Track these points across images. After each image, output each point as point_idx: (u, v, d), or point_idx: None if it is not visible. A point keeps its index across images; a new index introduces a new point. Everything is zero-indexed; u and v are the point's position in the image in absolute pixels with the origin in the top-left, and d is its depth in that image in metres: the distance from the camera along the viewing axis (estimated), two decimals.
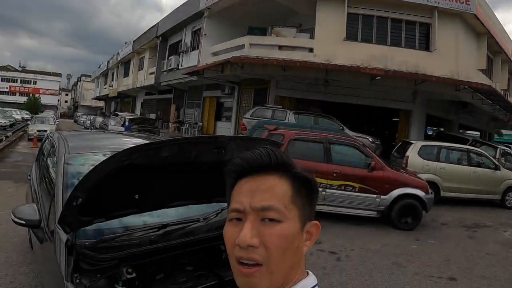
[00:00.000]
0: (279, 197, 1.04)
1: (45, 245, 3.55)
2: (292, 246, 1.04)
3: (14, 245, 6.94)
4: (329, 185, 9.41)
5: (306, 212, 1.09)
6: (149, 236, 3.09)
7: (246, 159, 1.09)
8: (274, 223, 1.02)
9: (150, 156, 2.56)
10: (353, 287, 5.97)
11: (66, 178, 3.67)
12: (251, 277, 1.02)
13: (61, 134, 5.24)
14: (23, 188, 11.19)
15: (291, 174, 1.08)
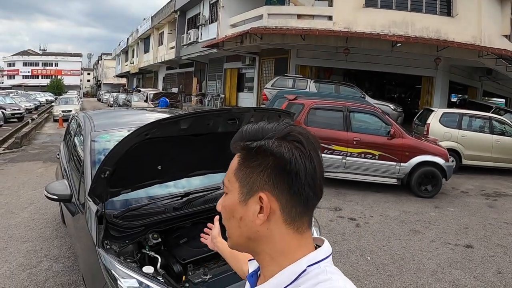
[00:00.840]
0: (230, 171, 1.09)
1: (76, 217, 3.79)
2: (233, 216, 1.07)
3: (46, 221, 7.26)
4: (349, 153, 9.50)
5: (252, 183, 1.04)
6: (172, 204, 3.31)
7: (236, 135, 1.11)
8: (225, 195, 1.11)
9: (169, 129, 2.74)
10: (370, 252, 6.13)
11: (93, 154, 3.91)
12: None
13: (86, 113, 5.49)
14: (51, 168, 11.60)
15: (242, 146, 1.06)
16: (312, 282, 0.99)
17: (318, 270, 1.02)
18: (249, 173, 1.04)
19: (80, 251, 3.71)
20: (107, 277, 2.84)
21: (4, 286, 4.87)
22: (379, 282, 5.17)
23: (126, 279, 2.76)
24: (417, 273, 5.45)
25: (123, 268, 2.84)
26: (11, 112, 25.89)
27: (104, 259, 2.89)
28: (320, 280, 0.99)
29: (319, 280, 0.99)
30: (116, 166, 2.73)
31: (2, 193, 9.13)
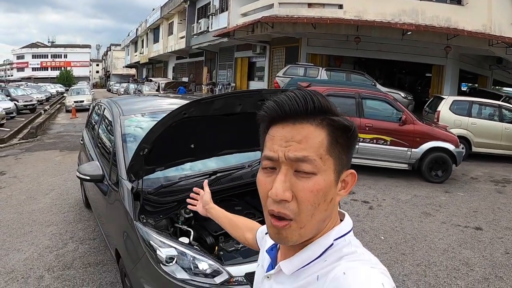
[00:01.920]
0: (314, 147, 0.97)
1: (109, 196, 4.02)
2: (325, 200, 0.99)
3: (69, 206, 7.51)
4: (362, 139, 9.66)
5: (343, 162, 1.03)
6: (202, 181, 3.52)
7: (280, 103, 1.01)
8: (309, 176, 0.97)
9: (204, 109, 2.94)
10: (384, 232, 6.36)
11: (124, 137, 4.14)
12: (281, 230, 1.00)
13: (111, 100, 5.72)
14: (69, 156, 11.96)
15: (328, 121, 1.00)
16: (337, 255, 1.01)
17: (343, 243, 1.04)
18: (340, 150, 1.01)
19: (114, 228, 3.92)
20: (146, 248, 3.05)
21: (33, 267, 5.10)
22: (393, 259, 5.40)
23: (164, 248, 2.97)
24: (429, 252, 5.66)
25: (161, 238, 3.06)
26: (23, 103, 26.32)
27: (142, 231, 3.11)
28: (345, 253, 1.00)
29: (344, 253, 1.00)
30: (153, 144, 2.94)
31: (22, 181, 9.39)
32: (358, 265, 0.94)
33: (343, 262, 0.97)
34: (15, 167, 11.05)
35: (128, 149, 4.00)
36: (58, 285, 4.68)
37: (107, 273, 4.92)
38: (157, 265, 2.98)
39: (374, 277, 0.90)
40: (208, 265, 2.94)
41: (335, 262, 0.98)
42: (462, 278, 4.96)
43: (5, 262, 5.26)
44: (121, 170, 3.76)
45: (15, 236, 6.14)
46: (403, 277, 4.92)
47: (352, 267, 0.94)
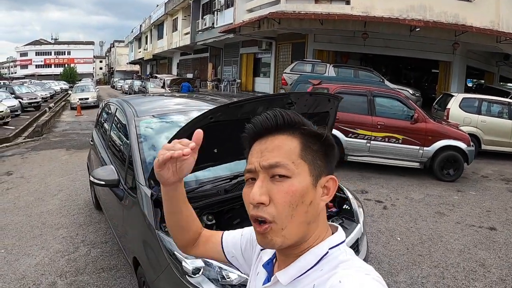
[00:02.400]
0: (286, 153, 1.04)
1: (126, 202, 3.94)
2: (303, 201, 1.03)
3: (78, 208, 7.43)
4: (374, 137, 9.64)
5: (319, 167, 1.08)
6: (223, 186, 3.45)
7: (254, 123, 1.11)
8: (283, 179, 1.03)
9: (231, 113, 2.86)
10: (400, 233, 6.29)
11: (139, 139, 4.05)
12: (265, 234, 1.04)
13: (123, 100, 5.62)
14: (76, 155, 11.93)
15: (300, 131, 1.07)
16: (334, 263, 1.04)
17: (338, 252, 1.07)
18: (314, 155, 1.06)
19: (131, 235, 3.84)
20: (169, 259, 2.97)
21: (44, 272, 5.02)
22: (411, 261, 5.33)
23: (190, 259, 2.88)
24: (445, 253, 5.60)
25: None
26: (28, 101, 26.39)
27: (165, 241, 3.02)
28: (341, 260, 1.04)
29: (340, 260, 1.04)
30: None
31: (30, 181, 9.33)
32: (353, 273, 0.97)
33: (340, 270, 1.00)
34: (22, 166, 11.01)
35: (145, 153, 3.93)
36: None
37: (122, 279, 4.84)
38: (182, 277, 2.89)
39: (370, 284, 0.93)
40: (235, 276, 2.87)
41: (332, 270, 1.01)
42: (479, 279, 4.91)
43: (16, 268, 5.18)
44: (138, 174, 3.68)
45: (24, 240, 6.06)
46: (422, 279, 4.86)
47: (348, 274, 0.97)
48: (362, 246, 3.66)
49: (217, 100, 6.12)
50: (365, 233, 3.90)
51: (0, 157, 12.43)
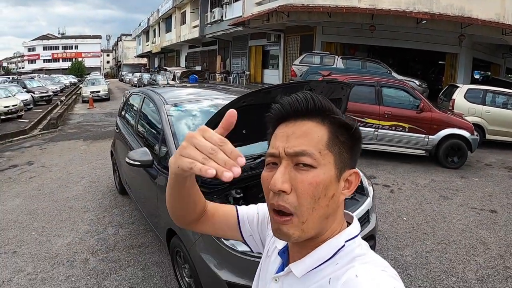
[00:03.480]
0: (313, 142, 0.99)
1: (159, 179, 4.35)
2: (326, 194, 0.99)
3: (102, 193, 7.81)
4: (381, 126, 9.97)
5: (344, 160, 1.03)
6: (249, 164, 3.87)
7: (283, 104, 1.06)
8: (308, 168, 0.98)
9: (261, 98, 3.25)
10: (406, 214, 6.69)
11: (171, 124, 4.48)
12: (283, 226, 1.00)
13: (147, 89, 6.10)
14: (93, 145, 12.39)
15: (329, 119, 1.02)
16: (350, 257, 1.02)
17: (354, 245, 1.05)
18: (341, 147, 1.03)
19: (166, 209, 4.21)
20: None
21: (76, 251, 5.37)
22: (416, 238, 5.73)
23: None
24: (448, 232, 5.98)
25: None
26: (39, 95, 26.78)
27: None
28: (357, 254, 1.02)
29: (356, 254, 1.02)
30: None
31: (52, 170, 9.68)
32: (370, 268, 0.95)
33: (356, 264, 0.98)
34: (42, 157, 11.36)
35: (177, 135, 4.34)
36: (104, 266, 4.93)
37: (151, 254, 5.19)
38: (218, 240, 3.27)
39: (386, 281, 0.90)
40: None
41: (348, 265, 0.99)
42: (479, 255, 5.26)
43: (48, 248, 5.51)
44: (172, 154, 4.05)
45: (53, 223, 6.39)
46: (426, 254, 5.25)
47: (365, 269, 0.95)
48: (372, 217, 4.06)
49: (229, 89, 6.57)
50: (374, 206, 4.29)
51: (19, 148, 12.83)
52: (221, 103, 4.84)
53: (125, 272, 4.80)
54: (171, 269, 4.73)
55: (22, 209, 7.10)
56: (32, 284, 4.59)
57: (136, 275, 4.72)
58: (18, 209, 7.08)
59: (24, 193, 7.99)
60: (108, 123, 18.14)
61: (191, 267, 3.69)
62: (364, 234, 3.84)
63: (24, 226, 6.34)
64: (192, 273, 3.73)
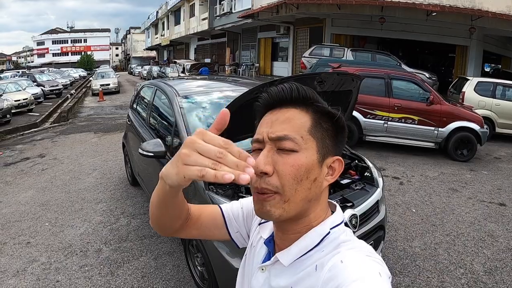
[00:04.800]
0: (296, 127, 1.02)
1: None
2: (308, 177, 1.01)
3: (114, 184, 7.91)
4: (391, 118, 10.00)
5: (327, 146, 1.05)
6: None
7: (270, 93, 1.09)
8: (290, 153, 1.00)
9: None
10: (415, 205, 6.74)
11: (183, 115, 4.57)
12: (265, 203, 1.01)
13: (158, 82, 6.17)
14: (104, 138, 12.48)
15: (313, 107, 1.05)
16: (335, 243, 1.04)
17: (339, 232, 1.07)
18: (324, 134, 1.05)
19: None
20: None
21: (90, 241, 5.47)
22: (425, 229, 5.79)
23: None
24: (457, 224, 6.02)
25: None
26: (49, 88, 26.95)
27: (215, 199, 3.50)
28: (342, 240, 1.05)
29: (341, 240, 1.05)
30: None
31: (63, 162, 9.79)
32: (355, 254, 0.97)
33: (342, 250, 1.00)
34: (53, 149, 11.48)
35: (189, 126, 4.42)
36: (117, 256, 5.02)
37: (163, 244, 5.28)
38: None
39: (371, 266, 0.92)
40: None
41: (333, 251, 1.02)
42: (487, 247, 5.30)
43: (62, 238, 5.61)
44: None
45: (66, 214, 6.49)
46: (435, 245, 5.30)
47: (349, 255, 0.97)
48: (381, 207, 4.10)
49: (239, 81, 6.64)
50: (384, 197, 4.33)
51: (30, 141, 12.97)
52: (232, 95, 4.90)
53: (138, 261, 4.89)
54: (183, 258, 4.82)
55: (35, 200, 7.20)
56: (46, 274, 4.67)
57: (149, 265, 4.80)
58: (31, 201, 7.18)
59: (36, 185, 8.09)
60: (118, 116, 18.29)
61: (203, 256, 3.76)
62: (374, 225, 3.89)
63: (37, 217, 6.43)
64: (204, 261, 3.80)
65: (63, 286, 4.41)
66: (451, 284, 4.40)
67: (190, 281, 4.41)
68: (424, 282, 4.44)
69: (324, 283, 0.94)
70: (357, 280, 0.86)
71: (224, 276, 3.54)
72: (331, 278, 0.92)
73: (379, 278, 0.88)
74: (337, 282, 0.89)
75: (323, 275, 0.95)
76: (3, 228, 6.05)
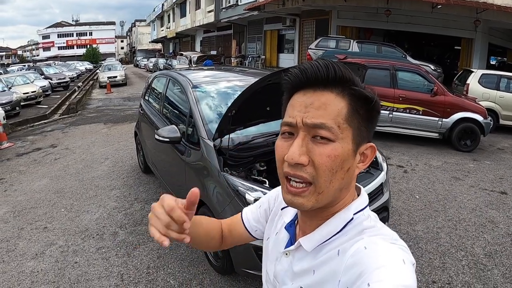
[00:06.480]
0: (333, 115, 0.96)
1: (187, 155, 4.65)
2: (342, 167, 0.98)
3: (127, 172, 8.11)
4: (395, 108, 10.15)
5: (362, 133, 1.01)
6: (272, 140, 4.18)
7: (303, 70, 1.01)
8: (326, 141, 0.96)
9: None
10: (418, 192, 6.94)
11: (198, 103, 4.78)
12: (298, 197, 0.99)
13: (171, 72, 6.38)
14: (114, 128, 12.65)
15: (349, 91, 0.99)
16: (359, 229, 1.02)
17: (363, 217, 1.05)
18: (360, 121, 1.00)
19: (195, 181, 4.48)
20: (234, 193, 3.64)
21: (105, 225, 5.69)
22: (427, 215, 6.00)
23: (252, 192, 3.55)
24: (459, 210, 6.22)
25: (248, 183, 3.67)
26: (57, 81, 27.36)
27: (230, 180, 3.72)
28: (366, 226, 1.02)
29: (365, 226, 1.02)
30: (239, 107, 3.54)
31: (75, 152, 10.00)
32: (379, 241, 0.95)
33: (365, 236, 0.98)
34: (64, 140, 11.70)
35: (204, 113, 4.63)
36: (133, 239, 5.23)
37: None
38: (245, 206, 3.57)
39: (395, 253, 0.91)
40: None
41: (357, 236, 1.00)
42: (488, 232, 5.49)
43: (78, 223, 5.82)
44: (200, 131, 4.37)
45: (81, 200, 6.70)
46: (437, 229, 5.51)
47: (373, 242, 0.95)
48: (385, 190, 4.33)
49: (250, 72, 6.82)
50: (388, 180, 4.54)
51: (41, 133, 13.20)
52: (246, 84, 5.09)
53: (153, 243, 5.10)
54: None
55: (50, 188, 7.40)
56: (65, 256, 4.87)
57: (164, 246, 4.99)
58: (45, 189, 7.38)
59: (50, 174, 8.29)
60: (127, 107, 18.51)
61: None
62: (378, 206, 4.11)
63: (52, 204, 6.63)
64: None
65: (82, 267, 4.61)
66: (452, 265, 4.61)
67: (204, 261, 4.62)
68: (426, 263, 4.65)
69: (346, 268, 0.94)
70: (381, 267, 0.86)
71: (239, 254, 3.74)
72: (354, 264, 0.92)
73: (403, 265, 0.88)
74: (361, 268, 0.89)
75: (345, 260, 0.95)
76: (19, 215, 6.26)
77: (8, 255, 5.00)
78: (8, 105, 15.91)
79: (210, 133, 4.29)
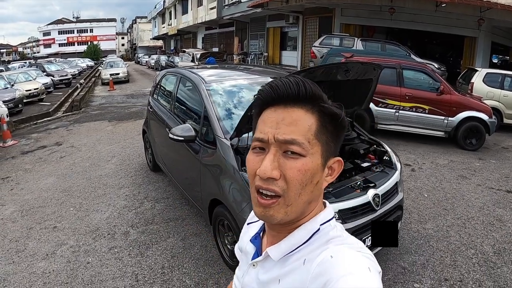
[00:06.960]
0: (303, 131, 1.00)
1: (202, 154, 4.67)
2: (312, 181, 1.01)
3: (135, 170, 8.11)
4: (402, 107, 10.20)
5: (330, 148, 1.05)
6: None
7: (274, 87, 1.04)
8: (297, 156, 0.99)
9: (310, 75, 3.56)
10: (427, 191, 6.99)
11: (212, 101, 4.80)
12: (268, 209, 1.01)
13: (182, 70, 6.40)
14: (119, 126, 12.64)
15: (319, 108, 1.02)
16: (324, 239, 1.04)
17: (329, 227, 1.08)
18: (328, 137, 1.04)
19: (208, 181, 4.51)
20: None
21: (116, 224, 5.69)
22: (437, 213, 6.05)
23: None
24: (467, 209, 6.26)
25: None
26: (59, 78, 27.32)
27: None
28: (332, 236, 1.05)
29: (331, 236, 1.05)
30: None
31: (81, 150, 9.98)
32: (345, 249, 0.98)
33: (331, 246, 1.01)
34: (69, 137, 11.67)
35: (219, 112, 4.64)
36: (145, 238, 5.22)
37: (189, 226, 5.52)
38: None
39: (361, 261, 0.93)
40: None
41: (323, 246, 1.02)
42: (496, 231, 5.54)
43: (88, 222, 5.80)
44: (216, 130, 4.39)
45: (90, 199, 6.68)
46: (447, 228, 5.56)
47: (339, 250, 0.98)
48: (400, 189, 4.38)
49: (250, 69, 6.85)
50: (402, 179, 4.58)
51: (45, 130, 13.19)
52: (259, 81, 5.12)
53: (166, 242, 5.12)
54: (209, 239, 5.06)
55: (57, 187, 7.39)
56: (76, 256, 4.87)
57: (177, 245, 5.03)
58: (52, 187, 7.37)
59: (56, 172, 8.28)
60: (130, 105, 18.50)
61: (235, 234, 4.00)
62: (393, 204, 4.16)
63: (61, 202, 6.62)
64: (236, 239, 4.05)
65: (95, 267, 4.61)
66: (463, 263, 4.66)
67: (219, 260, 4.64)
68: (438, 261, 4.70)
69: (313, 278, 0.96)
70: (346, 275, 0.89)
71: None
72: (320, 273, 0.94)
73: (368, 273, 0.90)
74: (327, 277, 0.92)
75: (312, 269, 0.97)
76: (27, 214, 6.24)
77: (18, 255, 4.98)
78: (11, 102, 15.91)
79: (226, 132, 4.31)
